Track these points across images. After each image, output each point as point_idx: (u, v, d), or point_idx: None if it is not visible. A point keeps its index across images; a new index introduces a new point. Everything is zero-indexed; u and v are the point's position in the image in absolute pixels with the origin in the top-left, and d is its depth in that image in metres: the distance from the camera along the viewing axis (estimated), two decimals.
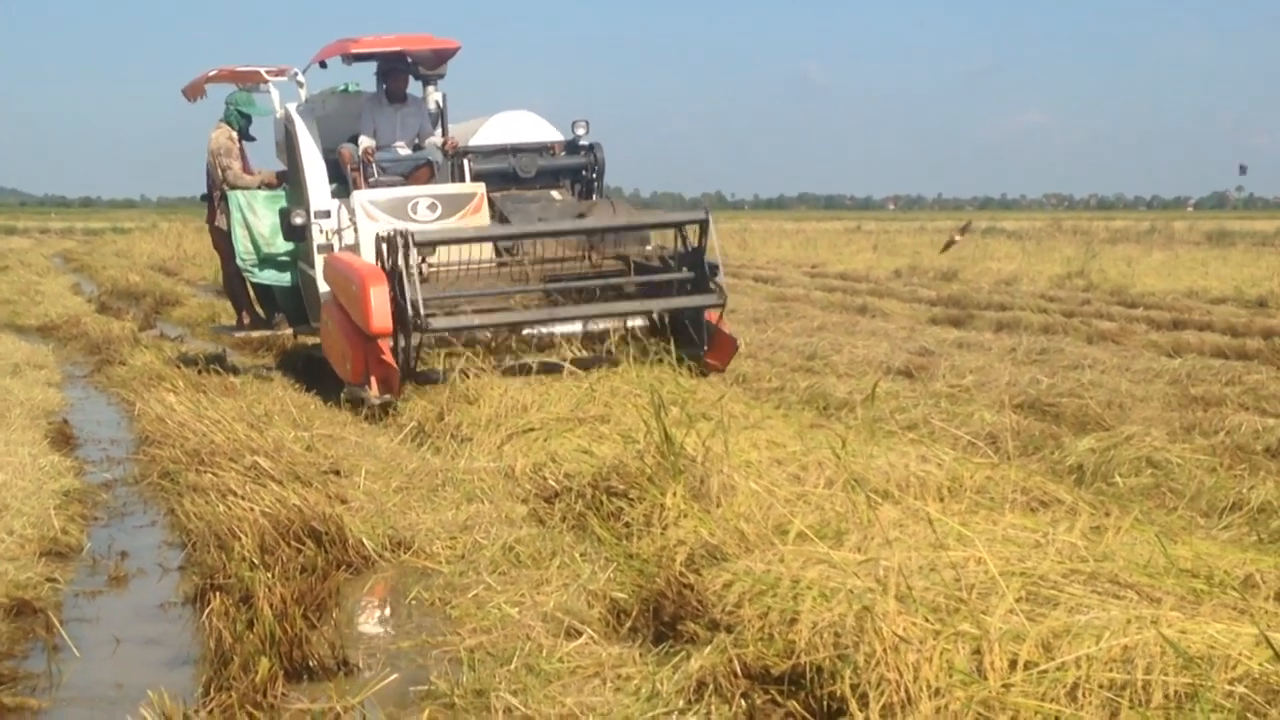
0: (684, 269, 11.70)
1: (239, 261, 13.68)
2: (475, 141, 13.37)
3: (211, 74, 14.07)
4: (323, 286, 12.38)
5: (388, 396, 10.82)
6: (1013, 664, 4.27)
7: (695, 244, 11.65)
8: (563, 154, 13.35)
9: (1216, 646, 4.25)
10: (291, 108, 13.16)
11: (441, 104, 13.63)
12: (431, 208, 12.08)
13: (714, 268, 11.61)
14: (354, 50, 13.02)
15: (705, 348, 11.58)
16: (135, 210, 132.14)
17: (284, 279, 13.60)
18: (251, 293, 14.66)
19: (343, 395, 11.71)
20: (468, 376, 10.62)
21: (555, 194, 13.12)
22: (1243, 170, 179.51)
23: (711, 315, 11.70)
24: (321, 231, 12.41)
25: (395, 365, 10.68)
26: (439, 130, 13.46)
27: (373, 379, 10.85)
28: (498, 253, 12.09)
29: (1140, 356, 14.66)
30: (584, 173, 13.36)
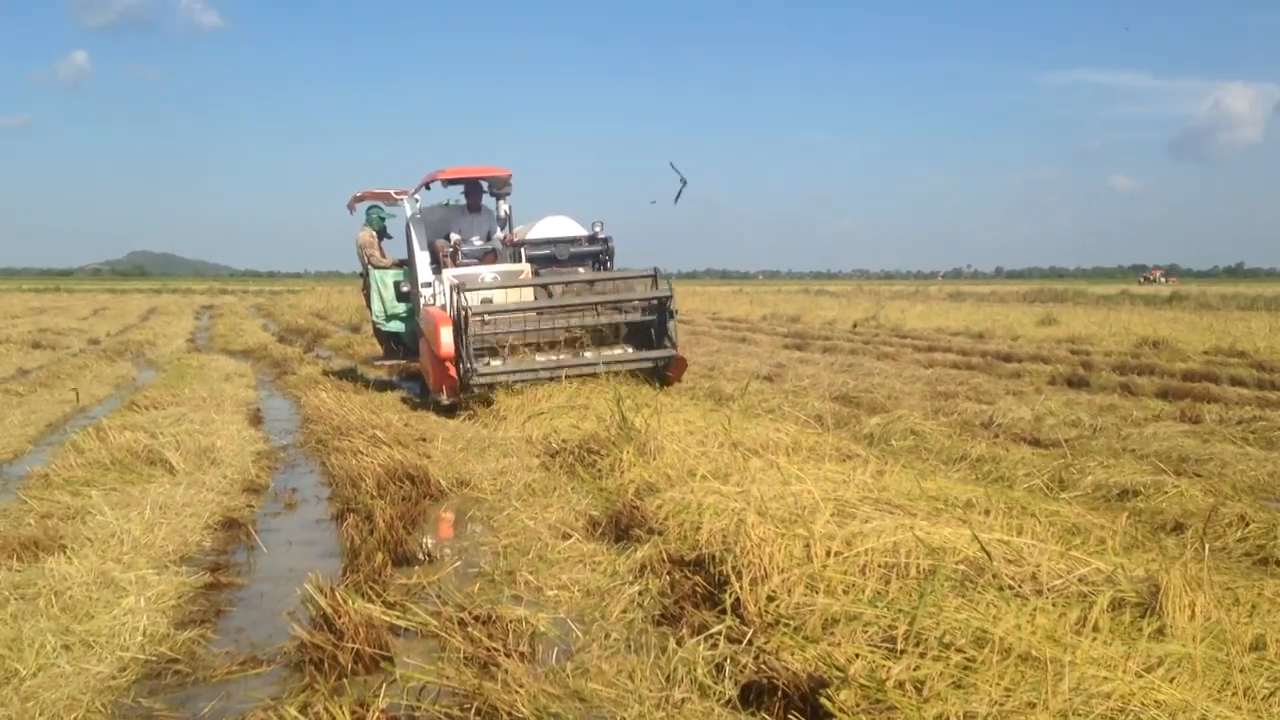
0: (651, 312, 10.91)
1: (373, 319, 13.29)
2: (530, 235, 12.41)
3: (358, 195, 13.49)
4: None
5: (453, 400, 10.31)
6: (828, 553, 4.31)
7: (654, 293, 10.89)
8: (586, 244, 12.27)
9: (947, 542, 4.31)
10: (408, 217, 12.49)
11: (509, 211, 12.81)
12: (494, 280, 11.38)
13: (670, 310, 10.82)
14: (440, 177, 12.37)
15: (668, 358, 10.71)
16: (301, 279, 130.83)
17: (401, 328, 12.94)
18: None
19: (430, 398, 11.17)
20: (508, 388, 10.36)
21: (580, 270, 12.16)
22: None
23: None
24: (423, 297, 11.91)
25: (457, 379, 10.21)
26: (505, 229, 12.66)
27: (444, 388, 10.35)
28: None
29: (908, 368, 14.69)
30: (600, 256, 12.22)
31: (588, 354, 10.77)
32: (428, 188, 12.66)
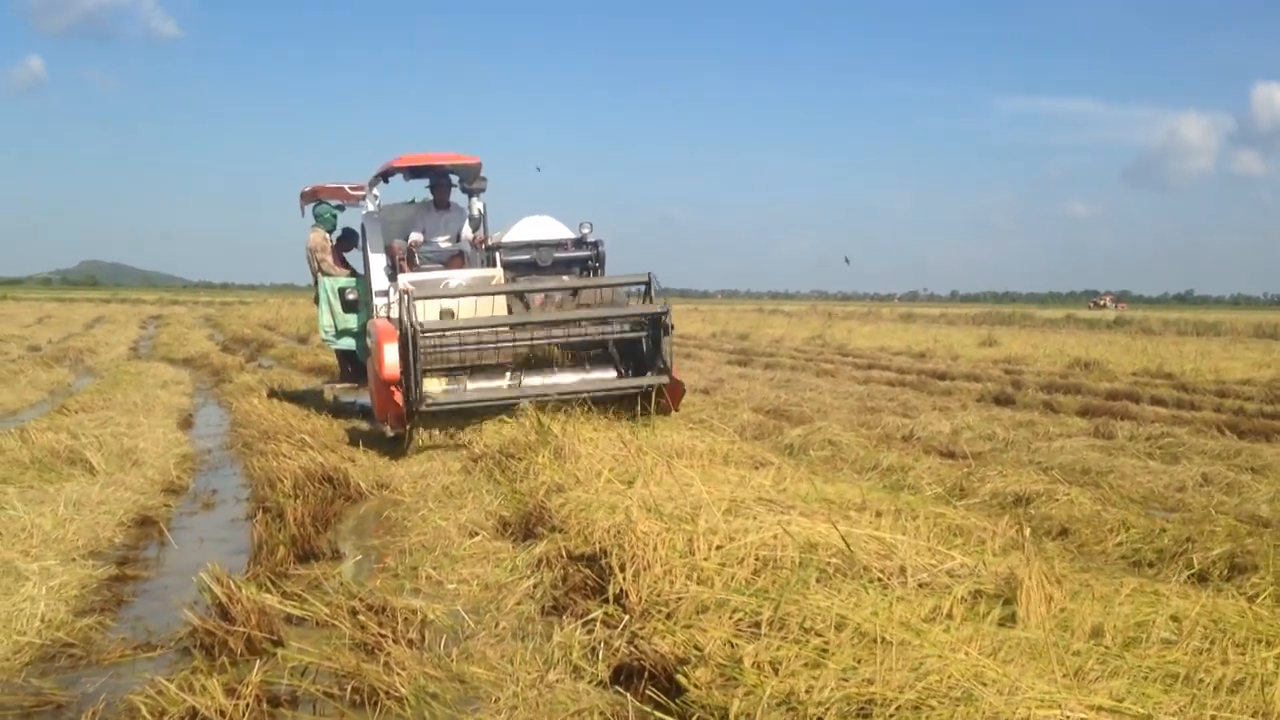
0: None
1: (321, 334, 11.53)
2: (507, 239, 10.55)
3: (306, 190, 11.77)
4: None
5: (399, 431, 8.73)
6: (710, 547, 4.50)
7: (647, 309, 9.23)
8: (572, 248, 10.50)
9: (824, 537, 4.52)
10: (363, 215, 10.88)
11: (483, 210, 11.03)
12: (458, 286, 9.79)
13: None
14: (397, 165, 10.67)
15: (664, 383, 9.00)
16: (255, 291, 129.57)
17: (354, 345, 11.14)
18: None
19: (376, 425, 9.67)
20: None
21: (565, 278, 10.34)
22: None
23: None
24: (377, 308, 10.22)
25: (403, 406, 8.50)
26: (479, 230, 10.97)
27: (389, 416, 8.82)
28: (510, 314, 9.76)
29: (843, 385, 14.97)
30: (589, 263, 10.50)
31: (568, 377, 9.33)
32: (385, 180, 11.07)
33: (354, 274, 11.47)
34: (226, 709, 3.20)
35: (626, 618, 4.10)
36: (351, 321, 11.17)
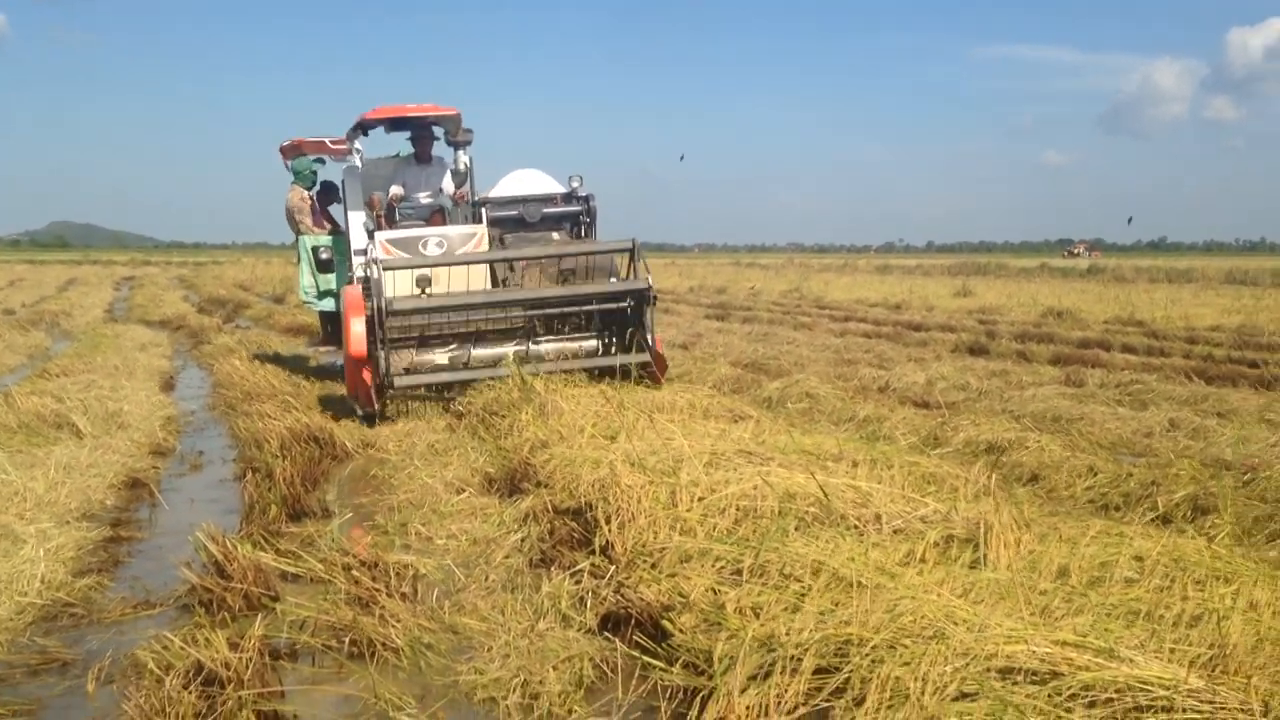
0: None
1: (301, 294, 11.07)
2: (494, 194, 10.09)
3: (287, 144, 11.30)
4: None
5: (369, 410, 8.35)
6: (692, 498, 4.65)
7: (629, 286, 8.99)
8: (562, 203, 10.02)
9: (802, 488, 4.67)
10: (344, 169, 10.23)
11: (469, 164, 10.24)
12: (439, 244, 9.30)
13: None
14: (369, 117, 10.08)
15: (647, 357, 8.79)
16: (228, 251, 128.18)
17: (333, 306, 10.53)
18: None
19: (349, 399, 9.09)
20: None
21: (555, 235, 9.97)
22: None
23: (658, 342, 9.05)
24: (355, 267, 9.51)
25: (370, 384, 8.18)
26: (464, 185, 10.21)
27: (358, 394, 8.44)
28: (494, 284, 9.49)
29: (820, 337, 15.12)
30: (580, 218, 10.03)
31: (546, 346, 9.11)
32: (365, 133, 10.39)
33: (335, 230, 10.97)
34: (231, 661, 3.32)
35: (613, 568, 4.25)
36: (332, 282, 10.73)
